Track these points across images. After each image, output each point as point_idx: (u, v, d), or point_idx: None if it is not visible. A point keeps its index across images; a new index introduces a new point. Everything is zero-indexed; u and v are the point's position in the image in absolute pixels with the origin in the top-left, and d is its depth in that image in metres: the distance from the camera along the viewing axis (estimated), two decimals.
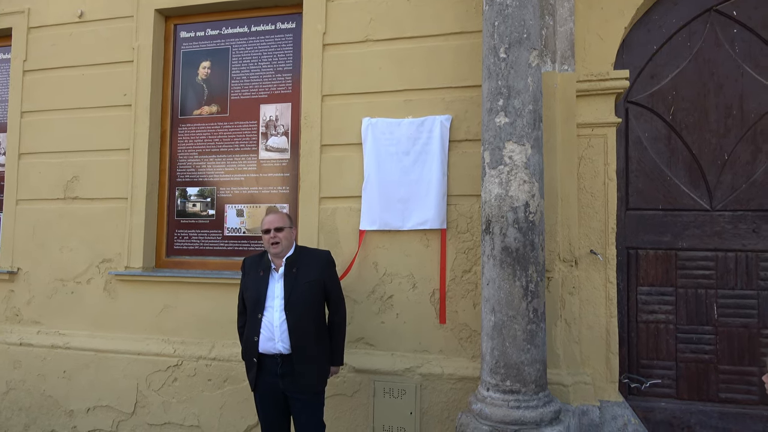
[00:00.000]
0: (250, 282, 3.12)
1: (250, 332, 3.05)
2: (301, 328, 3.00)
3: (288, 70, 4.19)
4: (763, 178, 3.57)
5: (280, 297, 3.02)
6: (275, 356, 3.00)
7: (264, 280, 3.07)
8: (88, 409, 4.17)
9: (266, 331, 3.00)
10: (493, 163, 3.08)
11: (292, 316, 2.98)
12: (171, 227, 4.37)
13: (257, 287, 3.07)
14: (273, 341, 2.99)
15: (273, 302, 3.02)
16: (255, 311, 3.04)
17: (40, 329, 4.38)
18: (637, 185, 3.72)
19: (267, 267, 3.10)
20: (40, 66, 4.56)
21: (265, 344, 3.00)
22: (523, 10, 3.10)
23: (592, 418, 3.34)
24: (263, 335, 3.00)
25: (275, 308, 3.01)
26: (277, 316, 2.99)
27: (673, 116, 3.70)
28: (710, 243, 3.61)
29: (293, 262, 3.08)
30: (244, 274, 3.20)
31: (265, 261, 3.13)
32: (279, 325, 2.99)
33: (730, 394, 3.54)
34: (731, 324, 3.57)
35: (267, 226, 3.07)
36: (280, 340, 2.98)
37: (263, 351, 3.01)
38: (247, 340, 3.07)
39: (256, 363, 3.03)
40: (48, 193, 4.45)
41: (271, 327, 2.99)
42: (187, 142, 4.37)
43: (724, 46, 3.65)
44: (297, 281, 3.04)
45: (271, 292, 3.05)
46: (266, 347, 3.00)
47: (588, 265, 3.54)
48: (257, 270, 3.12)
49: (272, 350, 3.00)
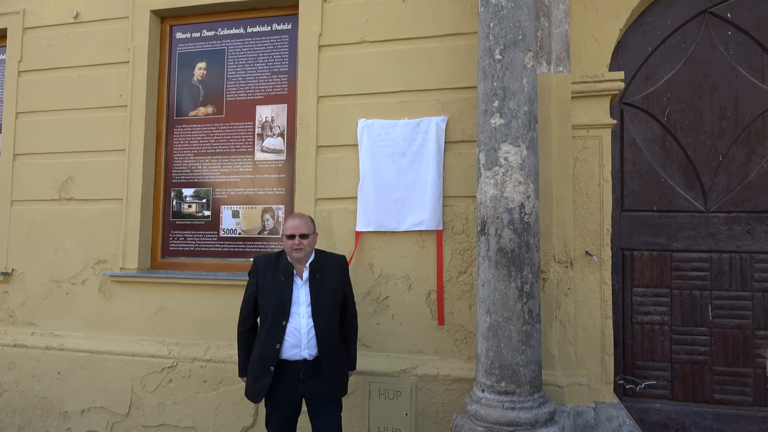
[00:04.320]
0: (268, 286, 2.97)
1: (269, 339, 2.91)
2: (328, 334, 2.94)
3: (284, 71, 4.19)
4: (757, 179, 3.59)
5: (305, 303, 2.93)
6: (297, 362, 2.91)
7: (287, 285, 2.95)
8: (82, 411, 4.15)
9: (292, 338, 2.90)
10: (488, 164, 3.08)
11: (320, 323, 2.91)
12: (166, 228, 4.36)
13: (279, 293, 2.94)
14: (299, 348, 2.90)
15: (299, 309, 2.92)
16: (278, 318, 2.90)
17: (35, 330, 4.36)
18: (632, 187, 3.73)
19: (288, 271, 2.98)
20: (35, 66, 4.54)
21: (289, 351, 2.90)
22: (518, 11, 3.10)
23: (587, 419, 3.35)
24: (288, 342, 2.89)
25: (301, 315, 2.92)
26: (304, 323, 2.91)
27: (668, 118, 3.71)
28: (705, 244, 3.62)
29: (316, 267, 3.00)
30: (258, 276, 3.03)
31: (285, 264, 3.00)
32: (307, 332, 2.90)
33: (724, 396, 3.55)
34: (726, 325, 3.58)
35: (292, 232, 2.94)
36: (307, 347, 2.90)
37: (285, 358, 2.91)
38: (265, 347, 2.91)
39: (273, 371, 2.90)
40: (43, 193, 4.44)
41: (298, 334, 2.90)
42: (182, 143, 4.36)
43: (719, 48, 3.66)
44: (322, 288, 2.97)
45: (296, 298, 2.94)
46: (290, 354, 2.91)
47: (583, 266, 3.54)
48: (276, 273, 2.99)
49: (296, 357, 2.90)
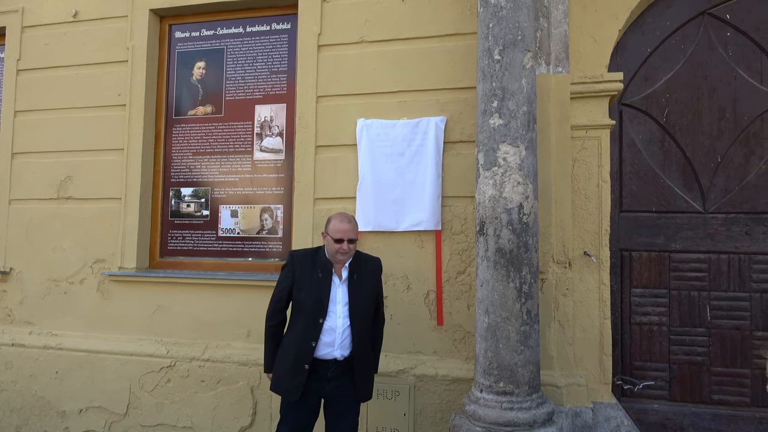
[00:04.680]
0: (305, 281, 2.92)
1: (305, 336, 2.86)
2: (361, 335, 2.92)
3: (283, 70, 4.19)
4: (755, 180, 3.59)
5: (343, 303, 2.91)
6: (328, 361, 2.89)
7: (325, 282, 2.91)
8: (80, 410, 4.15)
9: (327, 336, 2.87)
10: (487, 165, 3.08)
11: (356, 324, 2.89)
12: (165, 228, 4.36)
13: (318, 289, 2.89)
14: (332, 347, 2.87)
15: (336, 308, 2.89)
16: (315, 315, 2.87)
17: (33, 330, 4.36)
18: (631, 187, 3.73)
19: (327, 269, 2.93)
20: (33, 65, 4.54)
21: (323, 350, 2.87)
22: (517, 12, 3.10)
23: (585, 419, 3.35)
24: (323, 341, 2.86)
25: (338, 314, 2.89)
26: (340, 323, 2.88)
27: (667, 119, 3.71)
28: (703, 245, 3.62)
29: (354, 268, 2.97)
30: (294, 269, 2.96)
31: (323, 261, 2.95)
32: (342, 332, 2.88)
33: (722, 396, 3.55)
34: (724, 326, 3.58)
35: (341, 236, 2.86)
36: (340, 347, 2.88)
37: (317, 356, 2.87)
38: (300, 343, 2.87)
39: (308, 369, 2.86)
40: (41, 192, 4.43)
41: (333, 333, 2.87)
42: (181, 142, 4.36)
43: (718, 49, 3.67)
44: (359, 289, 2.95)
45: (334, 297, 2.91)
46: (323, 353, 2.87)
47: (582, 266, 3.54)
48: (314, 269, 2.94)
49: (328, 356, 2.88)
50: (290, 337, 2.94)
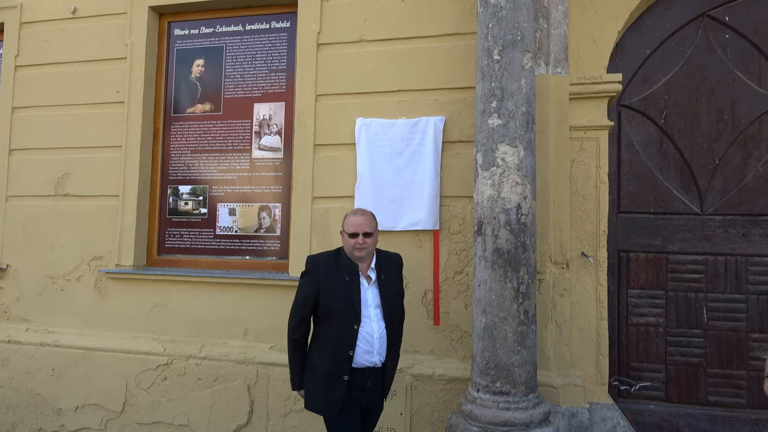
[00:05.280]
0: (333, 287, 2.73)
1: (340, 345, 2.69)
2: (394, 337, 2.82)
3: (282, 69, 4.18)
4: (753, 183, 3.60)
5: (375, 305, 2.76)
6: (366, 369, 2.73)
7: (354, 286, 2.74)
8: (76, 408, 4.14)
9: (364, 343, 2.71)
10: (485, 165, 3.08)
11: (390, 326, 2.78)
12: (162, 225, 4.35)
13: (347, 294, 2.72)
14: (371, 354, 2.72)
15: (369, 311, 2.74)
16: (349, 321, 2.70)
17: (29, 327, 4.35)
18: (629, 188, 3.74)
19: (353, 272, 2.77)
20: (32, 61, 4.53)
21: (361, 357, 2.71)
22: (517, 12, 3.10)
23: (581, 420, 3.35)
24: (360, 348, 2.70)
25: (372, 318, 2.73)
26: (376, 327, 2.73)
27: (665, 120, 3.72)
28: (700, 247, 3.63)
29: (380, 267, 2.84)
30: (318, 275, 2.76)
31: (347, 264, 2.78)
32: (379, 336, 2.74)
33: (718, 398, 3.56)
34: (720, 327, 3.59)
35: (354, 230, 2.72)
36: (378, 353, 2.74)
37: (356, 365, 2.71)
38: (335, 354, 2.70)
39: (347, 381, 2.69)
40: (38, 189, 4.42)
41: (371, 339, 2.72)
42: (179, 140, 4.35)
43: (716, 51, 3.67)
44: (389, 289, 2.82)
45: (365, 300, 2.75)
46: (361, 360, 2.71)
47: (579, 267, 3.55)
48: (339, 274, 2.76)
49: (367, 363, 2.73)
50: (321, 349, 2.75)
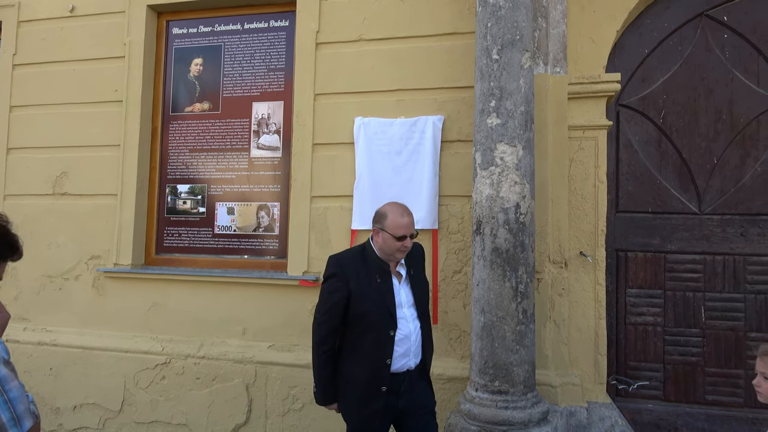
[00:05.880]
0: (364, 291, 2.50)
1: (376, 354, 2.48)
2: (429, 336, 2.67)
3: (281, 68, 4.18)
4: (751, 182, 3.60)
5: (408, 305, 2.58)
6: (401, 374, 2.54)
7: (387, 287, 2.53)
8: (74, 407, 4.13)
9: (401, 347, 2.52)
10: (484, 164, 3.09)
11: (425, 325, 2.61)
12: (161, 224, 4.35)
13: (382, 298, 2.51)
14: (407, 357, 2.54)
15: (403, 312, 2.55)
16: (385, 327, 2.48)
17: (27, 326, 4.34)
18: (627, 188, 3.74)
19: (384, 271, 2.56)
20: (30, 60, 4.51)
21: (397, 363, 2.52)
22: (516, 11, 3.10)
23: (579, 419, 3.36)
24: (397, 353, 2.50)
25: (407, 319, 2.56)
26: (411, 328, 2.55)
27: (664, 120, 3.72)
28: (698, 246, 3.64)
29: (408, 262, 2.64)
30: (348, 278, 2.52)
31: (376, 263, 2.56)
32: (415, 337, 2.56)
33: (716, 397, 3.57)
34: (718, 327, 3.59)
35: (404, 232, 2.48)
36: (414, 355, 2.56)
37: (392, 371, 2.51)
38: (372, 364, 2.49)
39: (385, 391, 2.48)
40: (36, 188, 4.41)
41: (407, 342, 2.53)
42: (178, 139, 4.34)
43: (715, 51, 3.68)
44: (418, 284, 2.65)
45: (399, 301, 2.55)
46: (397, 366, 2.52)
47: (577, 266, 3.55)
48: (370, 275, 2.53)
49: (403, 368, 2.54)
50: (353, 359, 2.54)
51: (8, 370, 1.45)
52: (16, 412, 1.45)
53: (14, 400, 1.45)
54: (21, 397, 1.46)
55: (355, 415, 2.55)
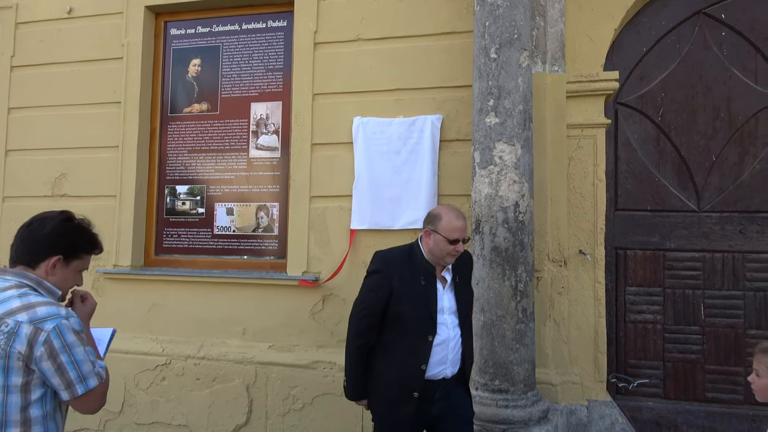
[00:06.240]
0: (406, 291, 2.42)
1: (411, 359, 2.40)
2: (469, 344, 2.57)
3: (279, 68, 4.18)
4: (749, 179, 3.61)
5: (450, 311, 2.48)
6: (436, 381, 2.44)
7: (430, 290, 2.45)
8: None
9: (438, 354, 2.42)
10: (483, 163, 3.09)
11: (466, 334, 2.51)
12: (160, 225, 4.34)
13: (425, 301, 2.43)
14: (444, 365, 2.44)
15: (444, 317, 2.45)
16: (423, 332, 2.40)
17: None
18: (626, 186, 3.74)
19: (430, 275, 2.47)
20: (28, 62, 4.51)
21: (433, 370, 2.42)
22: (514, 10, 3.11)
23: (579, 417, 3.36)
24: (433, 360, 2.41)
25: (448, 325, 2.45)
26: (452, 335, 2.45)
27: (662, 118, 3.72)
28: (698, 244, 3.64)
29: (454, 268, 2.53)
30: (391, 277, 2.45)
31: (423, 265, 2.47)
32: (454, 345, 2.46)
33: (716, 394, 3.57)
34: (718, 324, 3.60)
35: (458, 236, 2.39)
36: (451, 363, 2.46)
37: (426, 378, 2.42)
38: (405, 368, 2.40)
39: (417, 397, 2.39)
40: (35, 190, 4.40)
41: (445, 349, 2.43)
42: (176, 139, 4.34)
43: (713, 49, 3.68)
44: (464, 292, 2.55)
45: (441, 306, 2.46)
46: (432, 373, 2.42)
47: (577, 265, 3.55)
48: (415, 276, 2.45)
49: (438, 376, 2.44)
50: (387, 359, 2.46)
51: (77, 338, 1.73)
52: (82, 372, 1.71)
53: (80, 362, 1.71)
54: (86, 360, 1.73)
55: (384, 419, 2.48)
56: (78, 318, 1.80)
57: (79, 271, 1.97)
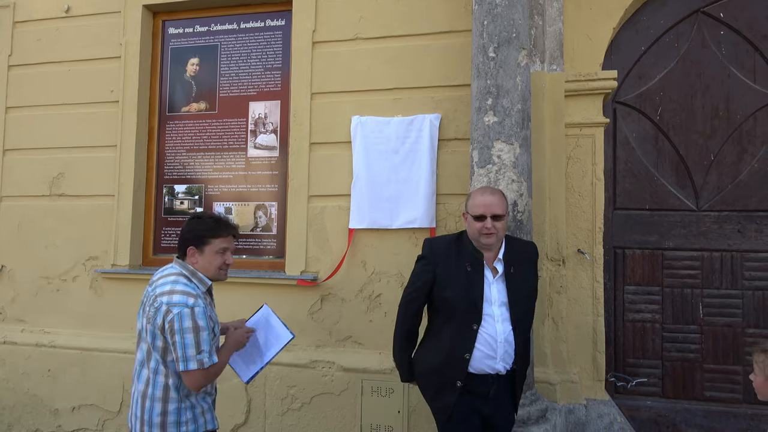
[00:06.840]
0: (451, 277, 2.40)
1: (455, 346, 2.38)
2: (525, 343, 2.47)
3: (277, 67, 4.17)
4: (748, 178, 3.61)
5: (500, 304, 2.40)
6: (487, 376, 2.40)
7: (476, 279, 2.38)
8: (73, 408, 4.13)
9: (484, 347, 2.36)
10: (481, 162, 3.09)
11: (520, 330, 2.42)
12: (158, 225, 4.34)
13: (468, 288, 2.38)
14: (493, 359, 2.37)
15: (492, 309, 2.38)
16: (468, 320, 2.36)
17: (25, 327, 4.33)
18: (625, 185, 3.74)
19: (477, 261, 2.41)
20: (25, 61, 4.50)
21: (480, 363, 2.37)
22: (512, 9, 3.10)
23: (578, 416, 3.36)
24: (479, 351, 2.36)
25: (496, 318, 2.38)
26: (500, 329, 2.37)
27: (661, 117, 3.72)
28: (696, 243, 3.64)
29: (510, 259, 2.45)
30: (436, 262, 2.44)
31: (470, 251, 2.43)
32: (503, 340, 2.37)
33: (714, 393, 3.57)
34: (716, 323, 3.60)
35: (482, 211, 2.33)
36: (502, 359, 2.38)
37: (474, 371, 2.38)
38: (449, 356, 2.39)
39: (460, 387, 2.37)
40: (33, 189, 4.40)
41: (493, 342, 2.36)
42: (175, 139, 4.34)
43: (711, 48, 3.68)
44: (519, 284, 2.45)
45: (488, 296, 2.38)
46: (480, 366, 2.38)
47: (575, 264, 3.55)
48: (460, 262, 2.42)
49: (488, 370, 2.38)
50: (432, 347, 2.48)
51: (192, 325, 2.18)
52: (186, 354, 2.18)
53: (186, 346, 2.18)
54: (192, 345, 2.18)
55: (433, 404, 2.50)
56: (202, 310, 2.25)
57: (216, 252, 2.42)
